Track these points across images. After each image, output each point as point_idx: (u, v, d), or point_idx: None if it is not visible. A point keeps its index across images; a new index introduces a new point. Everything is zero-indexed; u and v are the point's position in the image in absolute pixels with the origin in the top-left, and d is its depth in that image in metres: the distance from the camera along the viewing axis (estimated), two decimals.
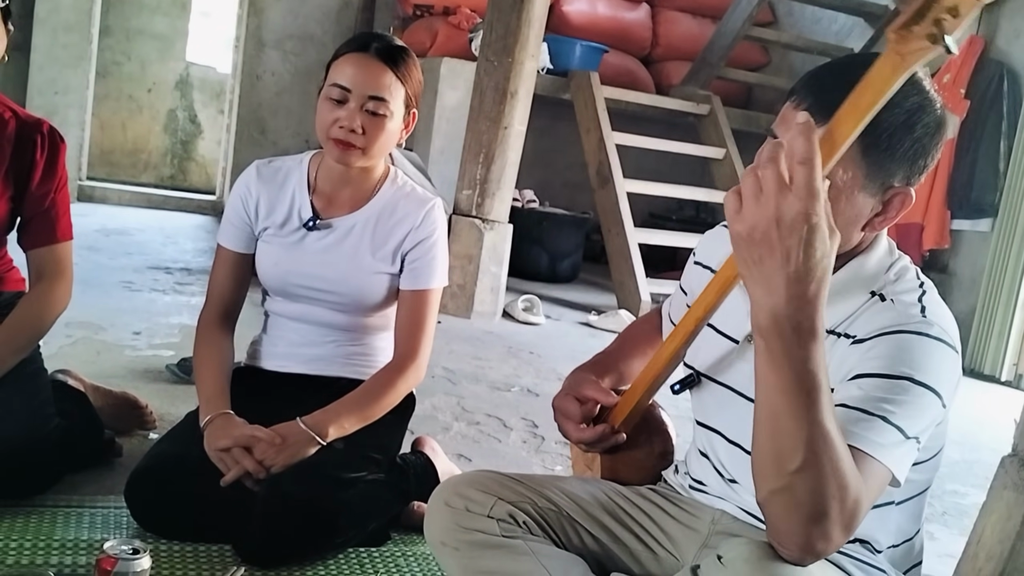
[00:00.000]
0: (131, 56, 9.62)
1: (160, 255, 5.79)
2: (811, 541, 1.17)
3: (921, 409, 1.31)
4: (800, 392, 1.12)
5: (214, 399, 2.12)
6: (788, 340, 1.10)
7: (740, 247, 1.11)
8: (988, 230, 5.86)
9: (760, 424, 1.18)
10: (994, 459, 2.04)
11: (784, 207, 1.06)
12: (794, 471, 1.14)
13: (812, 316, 1.10)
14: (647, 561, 1.64)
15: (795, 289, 1.08)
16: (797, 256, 1.06)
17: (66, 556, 1.92)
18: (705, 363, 1.65)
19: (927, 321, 1.37)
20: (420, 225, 2.22)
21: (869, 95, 1.13)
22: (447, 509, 1.63)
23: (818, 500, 1.15)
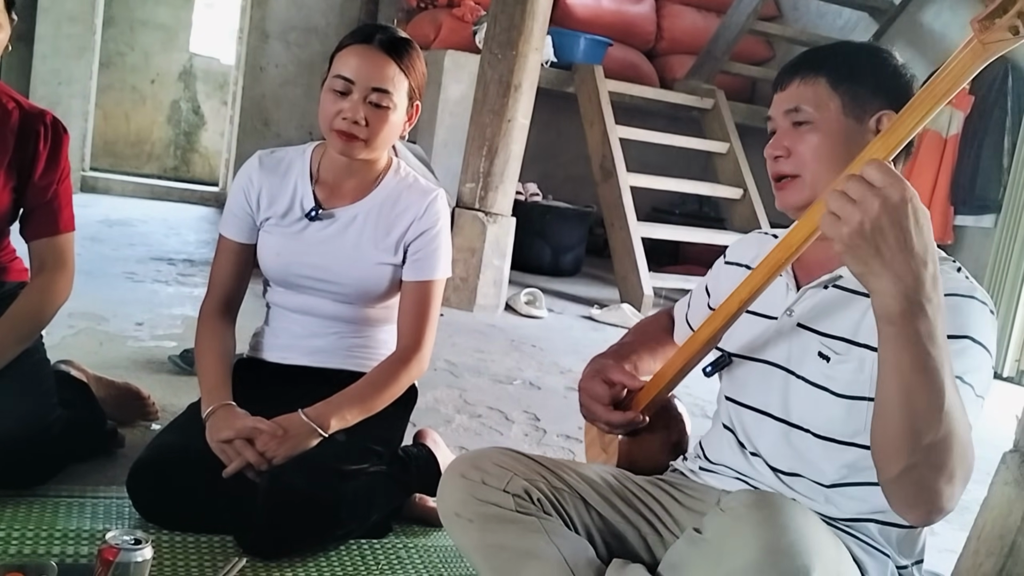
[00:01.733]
0: (135, 47, 9.62)
1: (163, 246, 5.80)
2: (941, 502, 1.24)
3: (982, 368, 1.39)
4: (934, 366, 1.17)
5: (216, 390, 2.12)
6: (921, 319, 1.15)
7: (855, 245, 1.16)
8: (991, 226, 5.86)
9: (891, 407, 1.22)
10: (995, 455, 2.04)
11: (886, 195, 1.12)
12: (928, 444, 1.19)
13: (937, 291, 1.16)
14: (654, 544, 1.66)
15: (919, 266, 1.14)
16: (911, 235, 1.13)
17: (68, 546, 1.92)
18: (739, 344, 1.71)
19: (972, 286, 1.47)
20: (423, 216, 2.22)
21: (949, 80, 1.22)
22: (463, 481, 1.64)
23: (949, 463, 1.20)
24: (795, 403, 1.58)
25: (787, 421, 1.59)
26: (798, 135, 1.57)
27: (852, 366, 1.50)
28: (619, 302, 5.87)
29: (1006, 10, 1.15)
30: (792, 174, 1.58)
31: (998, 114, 5.83)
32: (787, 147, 1.58)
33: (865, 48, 1.63)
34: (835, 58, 1.59)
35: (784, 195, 1.61)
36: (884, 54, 1.58)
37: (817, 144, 1.55)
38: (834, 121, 1.54)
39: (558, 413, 3.47)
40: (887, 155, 1.23)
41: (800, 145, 1.56)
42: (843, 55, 1.60)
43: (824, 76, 1.56)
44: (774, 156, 1.60)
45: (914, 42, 6.75)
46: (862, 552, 1.52)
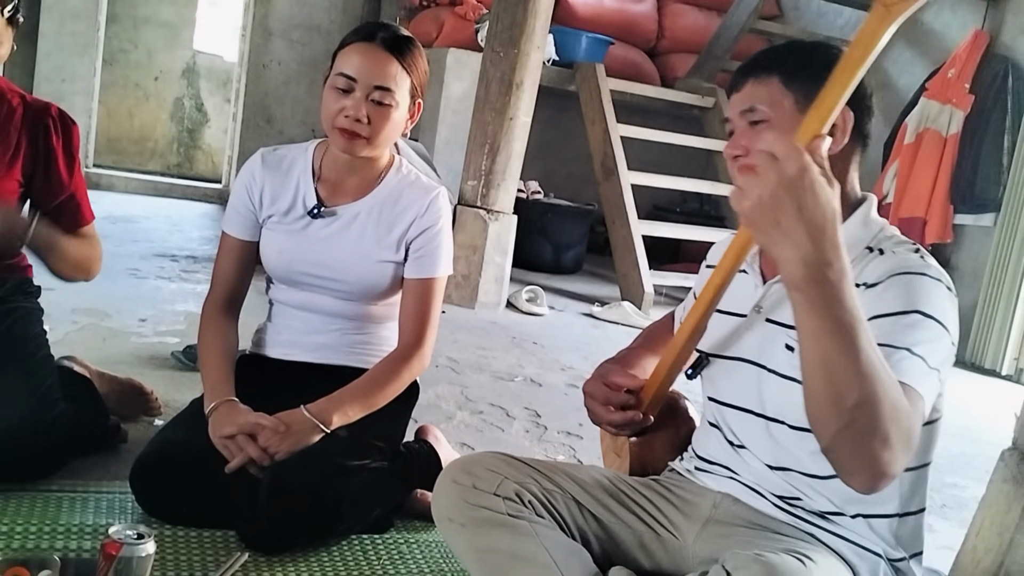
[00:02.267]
0: (138, 44, 9.63)
1: (166, 243, 5.81)
2: (880, 466, 1.25)
3: (936, 341, 1.42)
4: (844, 329, 1.19)
5: (219, 386, 2.13)
6: (824, 285, 1.17)
7: (755, 218, 1.18)
8: (991, 225, 5.86)
9: (812, 373, 1.24)
10: (994, 452, 2.05)
11: (782, 169, 1.15)
12: (854, 404, 1.20)
13: (838, 255, 1.17)
14: (651, 541, 1.68)
15: (816, 233, 1.15)
16: (808, 203, 1.14)
17: (71, 541, 1.93)
18: (713, 343, 1.73)
19: (927, 264, 1.50)
20: (425, 213, 2.23)
21: (859, 49, 1.24)
22: (455, 486, 1.67)
23: (880, 425, 1.22)
24: (769, 396, 1.61)
25: (764, 415, 1.62)
26: (755, 134, 1.58)
27: None
28: (620, 300, 5.87)
29: None
30: None
31: (998, 113, 5.83)
32: (745, 146, 1.59)
33: (817, 45, 1.64)
34: (787, 57, 1.61)
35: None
36: (835, 50, 1.58)
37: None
38: (789, 118, 1.54)
39: (559, 410, 3.48)
40: (820, 126, 1.24)
41: (757, 143, 1.56)
42: (795, 54, 1.62)
43: (777, 75, 1.57)
44: (733, 156, 1.61)
45: (914, 42, 6.75)
46: (852, 554, 1.54)
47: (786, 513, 1.59)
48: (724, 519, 1.64)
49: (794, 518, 1.58)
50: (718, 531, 1.62)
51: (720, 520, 1.64)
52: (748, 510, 1.62)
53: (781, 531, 1.57)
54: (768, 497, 1.61)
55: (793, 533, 1.57)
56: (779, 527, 1.58)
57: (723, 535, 1.61)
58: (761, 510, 1.61)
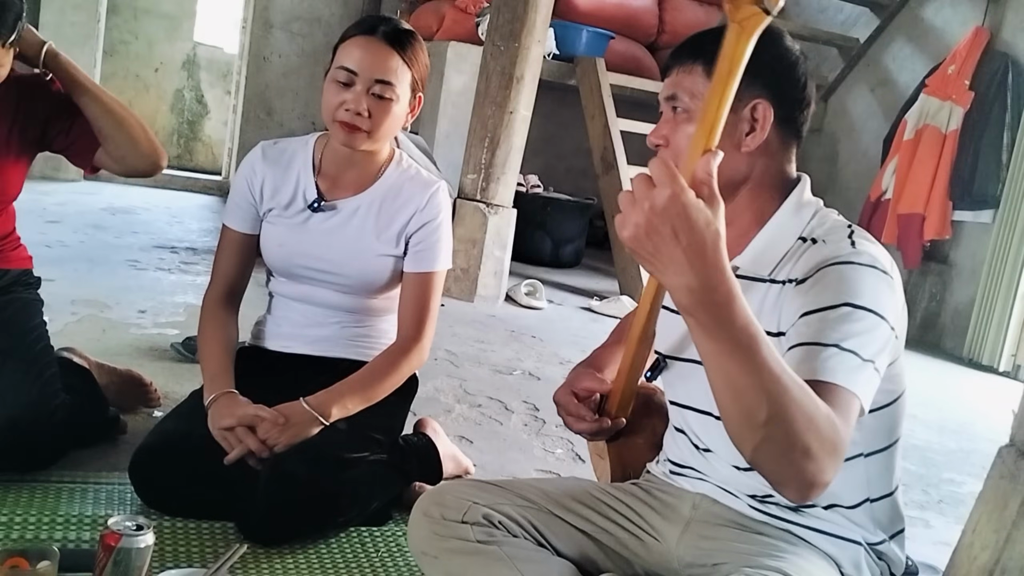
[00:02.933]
0: (138, 35, 9.61)
1: (166, 234, 5.81)
2: (806, 478, 1.22)
3: (868, 332, 1.37)
4: (741, 349, 1.17)
5: (218, 378, 2.14)
6: (711, 308, 1.16)
7: (635, 248, 1.17)
8: (989, 221, 5.86)
9: (719, 393, 1.23)
10: (991, 449, 2.06)
11: (655, 198, 1.13)
12: (764, 421, 1.18)
13: (722, 278, 1.15)
14: (634, 547, 1.66)
15: (696, 260, 1.13)
16: (684, 231, 1.12)
17: (70, 531, 1.94)
18: (668, 345, 1.71)
19: (857, 251, 1.45)
20: (424, 208, 2.23)
21: (726, 64, 1.21)
22: (425, 519, 1.65)
23: (796, 439, 1.19)
24: None
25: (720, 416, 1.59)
26: (676, 124, 1.57)
27: None
28: (619, 294, 5.87)
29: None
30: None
31: (997, 110, 5.82)
32: (666, 136, 1.58)
33: None
34: (711, 44, 1.50)
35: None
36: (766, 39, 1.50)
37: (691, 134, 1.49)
38: None
39: None
40: (707, 142, 1.21)
41: (677, 135, 1.56)
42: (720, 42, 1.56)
43: (700, 63, 1.53)
44: (655, 145, 1.60)
45: (915, 38, 6.75)
46: (831, 546, 1.54)
47: (760, 512, 1.57)
48: (705, 519, 1.62)
49: (768, 516, 1.56)
50: (700, 532, 1.61)
51: (701, 520, 1.62)
52: (726, 509, 1.61)
53: (760, 530, 1.56)
54: (741, 497, 1.59)
55: (770, 532, 1.55)
56: (757, 526, 1.57)
57: (705, 537, 1.59)
58: (737, 509, 1.60)
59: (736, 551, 1.51)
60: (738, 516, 1.59)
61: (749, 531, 1.56)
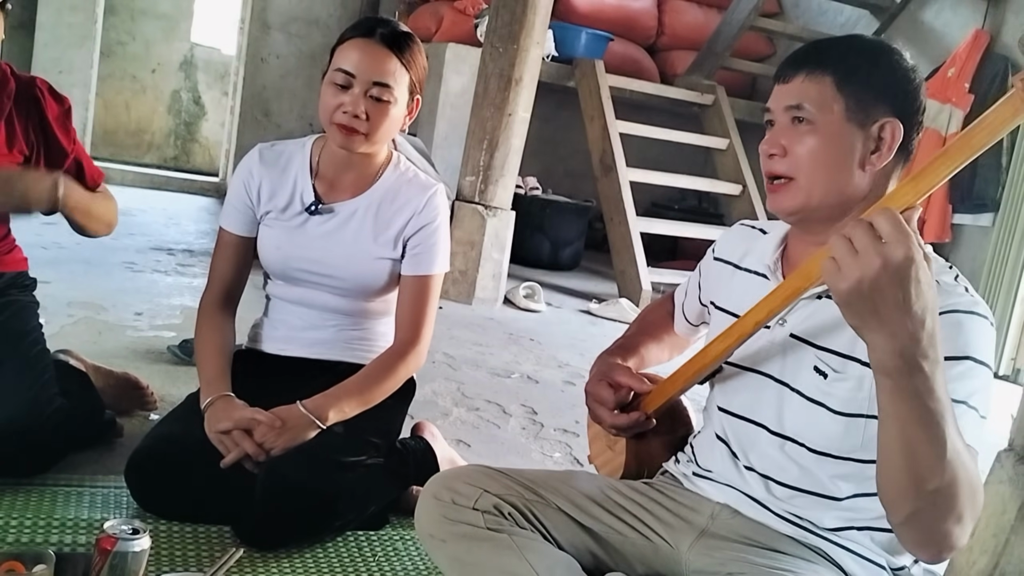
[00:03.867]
0: (136, 36, 9.61)
1: (162, 236, 5.80)
2: (950, 542, 1.23)
3: (985, 388, 1.39)
4: (933, 418, 1.16)
5: (215, 381, 2.13)
6: (917, 375, 1.14)
7: (852, 302, 1.14)
8: (989, 225, 5.85)
9: (893, 456, 1.21)
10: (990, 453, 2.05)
11: (888, 254, 1.09)
12: (933, 490, 1.18)
13: (934, 347, 1.14)
14: (643, 548, 1.65)
15: (917, 327, 1.12)
16: (911, 296, 1.10)
17: (66, 535, 1.93)
18: (739, 354, 1.66)
19: (974, 300, 1.43)
20: (422, 211, 2.23)
21: (985, 134, 1.17)
22: (435, 502, 1.64)
23: (955, 507, 1.20)
24: (789, 416, 1.55)
25: (781, 434, 1.57)
26: (796, 135, 1.50)
27: (851, 384, 1.47)
28: (617, 297, 5.87)
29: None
30: (787, 176, 1.52)
31: None
32: (784, 146, 1.52)
33: (876, 46, 1.54)
34: (844, 55, 1.51)
35: (777, 198, 1.55)
36: (895, 55, 1.51)
37: (815, 147, 1.49)
38: (836, 124, 1.48)
39: (556, 407, 3.48)
40: (915, 199, 1.18)
41: (798, 146, 1.50)
42: (853, 52, 1.52)
43: (831, 74, 1.48)
44: (769, 154, 1.54)
45: (915, 40, 6.74)
46: (856, 565, 1.52)
47: (790, 524, 1.55)
48: (720, 532, 1.60)
49: (798, 529, 1.54)
50: (713, 543, 1.59)
51: (716, 533, 1.60)
52: (747, 523, 1.58)
53: (779, 546, 1.53)
54: (772, 510, 1.57)
55: (792, 548, 1.53)
56: (777, 541, 1.54)
57: (718, 548, 1.57)
58: (762, 522, 1.57)
59: (751, 562, 1.49)
60: (759, 530, 1.57)
61: (766, 548, 1.54)
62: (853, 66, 1.49)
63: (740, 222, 1.85)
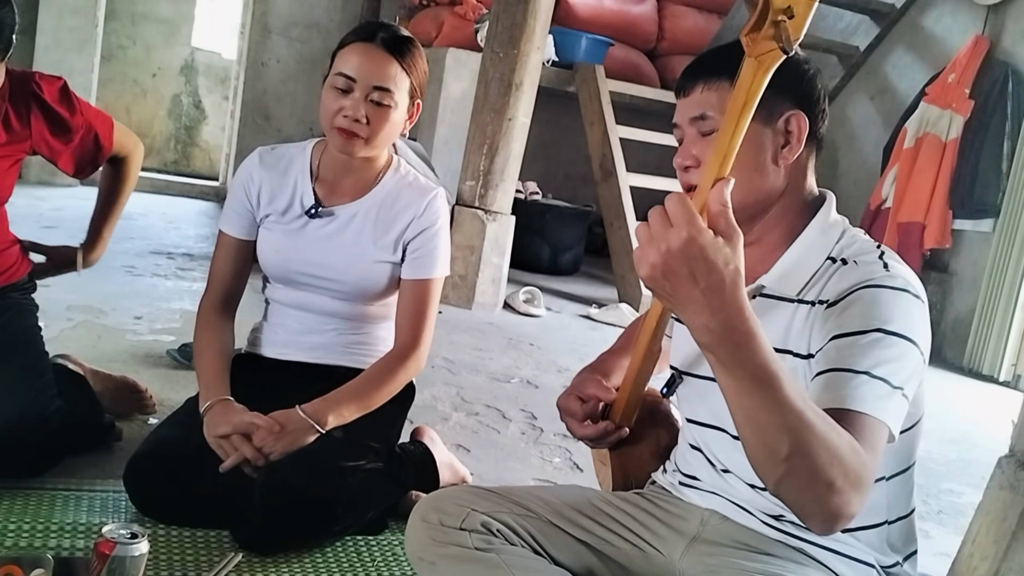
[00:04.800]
0: (136, 40, 9.63)
1: (162, 240, 5.79)
2: (830, 510, 1.21)
3: (899, 359, 1.35)
4: (761, 386, 1.16)
5: (214, 385, 2.13)
6: (730, 347, 1.15)
7: (653, 286, 1.16)
8: (990, 230, 5.86)
9: (741, 427, 1.21)
10: (990, 459, 2.05)
11: (671, 239, 1.11)
12: (786, 456, 1.17)
13: (741, 317, 1.14)
14: (636, 558, 1.65)
15: (714, 300, 1.12)
16: (700, 272, 1.11)
17: (64, 539, 1.93)
18: (684, 360, 1.68)
19: (890, 275, 1.43)
20: (422, 214, 2.23)
21: (740, 96, 1.20)
22: (423, 524, 1.64)
23: (819, 473, 1.18)
24: None
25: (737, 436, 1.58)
26: (706, 143, 1.52)
27: None
28: (617, 302, 5.87)
29: (764, 19, 1.15)
30: None
31: (997, 119, 5.83)
32: (696, 156, 1.54)
33: None
34: (736, 58, 1.53)
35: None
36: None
37: None
38: None
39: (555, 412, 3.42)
40: (721, 170, 1.19)
41: (709, 153, 1.47)
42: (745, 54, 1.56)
43: (727, 79, 1.48)
44: (684, 167, 1.56)
45: (915, 46, 6.75)
46: (846, 568, 1.52)
47: (775, 530, 1.55)
48: (711, 538, 1.60)
49: (784, 535, 1.54)
50: (705, 550, 1.59)
51: (707, 539, 1.60)
52: (736, 528, 1.58)
53: (769, 550, 1.54)
54: (756, 515, 1.57)
55: (782, 551, 1.53)
56: (768, 545, 1.54)
57: (710, 554, 1.57)
58: (749, 527, 1.57)
59: (743, 568, 1.49)
60: (748, 535, 1.57)
61: (757, 551, 1.54)
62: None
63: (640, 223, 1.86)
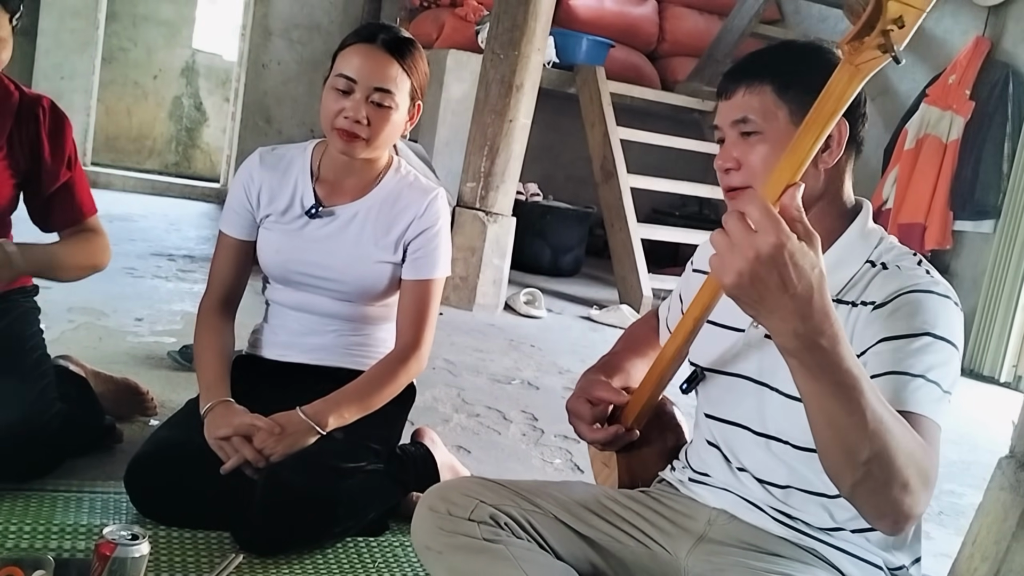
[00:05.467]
0: (137, 42, 9.63)
1: (163, 242, 5.80)
2: (903, 511, 1.25)
3: (947, 363, 1.39)
4: (845, 390, 1.17)
5: (214, 387, 2.12)
6: (817, 352, 1.15)
7: (738, 294, 1.16)
8: (990, 231, 5.86)
9: (820, 432, 1.23)
10: (991, 460, 2.05)
11: (759, 245, 1.11)
12: (866, 460, 1.20)
13: (828, 322, 1.15)
14: (642, 555, 1.64)
15: (804, 307, 1.13)
16: (791, 279, 1.11)
17: (65, 541, 1.93)
18: (710, 358, 1.68)
19: (934, 280, 1.47)
20: (423, 215, 2.23)
21: (830, 104, 1.20)
22: (430, 514, 1.64)
23: (897, 474, 1.21)
24: (771, 415, 1.57)
25: (765, 434, 1.58)
26: (747, 146, 1.53)
27: None
28: (618, 303, 5.87)
29: (872, 28, 1.15)
30: (743, 185, 1.54)
31: (998, 120, 5.83)
32: (737, 159, 1.55)
33: (809, 49, 1.57)
34: (780, 63, 1.55)
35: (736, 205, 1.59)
36: (827, 54, 1.53)
37: (767, 155, 1.51)
38: (783, 130, 1.50)
39: (556, 413, 3.46)
40: (793, 176, 1.19)
41: (750, 156, 1.53)
42: (788, 59, 1.56)
43: (769, 84, 1.52)
44: (725, 168, 1.57)
45: (915, 48, 6.74)
46: (854, 569, 1.52)
47: (785, 527, 1.55)
48: (718, 538, 1.60)
49: (794, 532, 1.55)
50: (711, 549, 1.59)
51: (714, 539, 1.60)
52: (744, 528, 1.59)
53: (777, 550, 1.54)
54: (768, 512, 1.57)
55: (789, 551, 1.54)
56: (775, 545, 1.55)
57: (716, 553, 1.57)
58: (759, 526, 1.57)
59: (749, 567, 1.49)
60: (756, 534, 1.57)
61: (764, 552, 1.54)
62: (789, 71, 1.52)
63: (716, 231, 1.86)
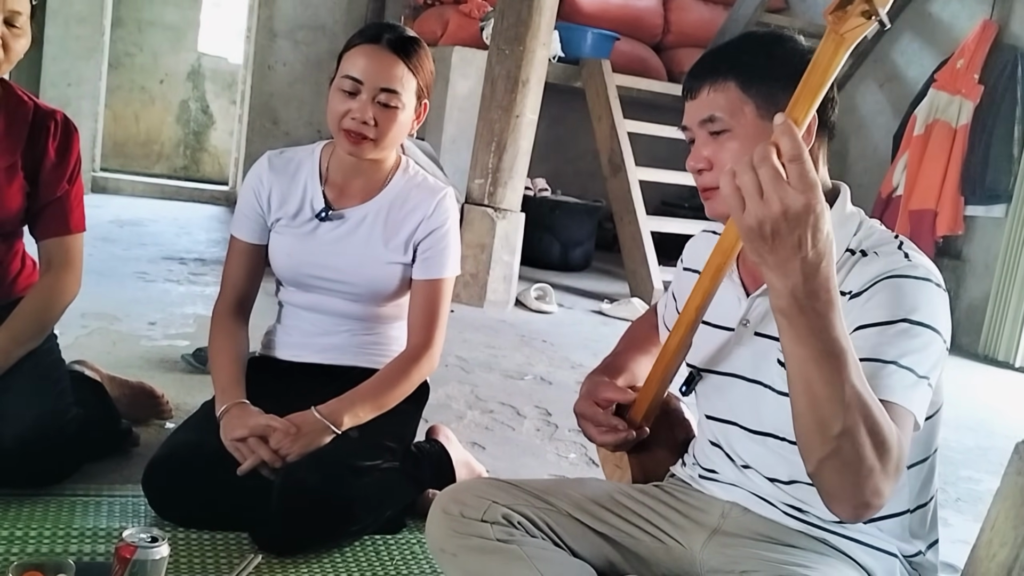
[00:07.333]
0: (143, 47, 9.64)
1: (174, 246, 5.82)
2: (864, 497, 1.23)
3: (924, 348, 1.37)
4: (829, 358, 1.18)
5: (229, 389, 2.13)
6: (810, 315, 1.16)
7: (751, 240, 1.15)
8: (1002, 216, 5.83)
9: (798, 398, 1.23)
10: (1008, 445, 2.04)
11: (789, 201, 1.11)
12: (838, 434, 1.19)
13: (828, 288, 1.16)
14: (657, 550, 1.65)
15: (810, 269, 1.14)
16: (807, 242, 1.12)
17: (85, 544, 1.94)
18: (703, 358, 1.68)
19: (912, 264, 1.44)
20: (432, 214, 2.23)
21: (818, 75, 1.20)
22: (444, 516, 1.64)
23: (864, 457, 1.20)
24: (767, 413, 1.56)
25: (760, 431, 1.58)
26: (718, 145, 1.52)
27: None
28: (629, 296, 5.87)
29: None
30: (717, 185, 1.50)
31: (1008, 104, 5.80)
32: (708, 159, 1.54)
33: (768, 38, 1.56)
34: (739, 56, 1.53)
35: (713, 205, 1.59)
36: (789, 42, 1.52)
37: (738, 151, 1.49)
38: (751, 125, 1.49)
39: (569, 408, 3.41)
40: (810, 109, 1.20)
41: (722, 154, 1.52)
42: (747, 51, 1.53)
43: (733, 79, 1.50)
44: (697, 169, 1.56)
45: (922, 33, 6.73)
46: (868, 558, 1.52)
47: (798, 520, 1.55)
48: (732, 530, 1.60)
49: (806, 524, 1.55)
50: (726, 541, 1.59)
51: (728, 531, 1.60)
52: (757, 520, 1.59)
53: (791, 541, 1.54)
54: (779, 506, 1.57)
55: (804, 542, 1.53)
56: (789, 536, 1.55)
57: (731, 545, 1.57)
58: (771, 519, 1.57)
59: (765, 559, 1.49)
60: (770, 526, 1.57)
61: (778, 542, 1.54)
62: (751, 65, 1.50)
63: (703, 228, 1.86)
